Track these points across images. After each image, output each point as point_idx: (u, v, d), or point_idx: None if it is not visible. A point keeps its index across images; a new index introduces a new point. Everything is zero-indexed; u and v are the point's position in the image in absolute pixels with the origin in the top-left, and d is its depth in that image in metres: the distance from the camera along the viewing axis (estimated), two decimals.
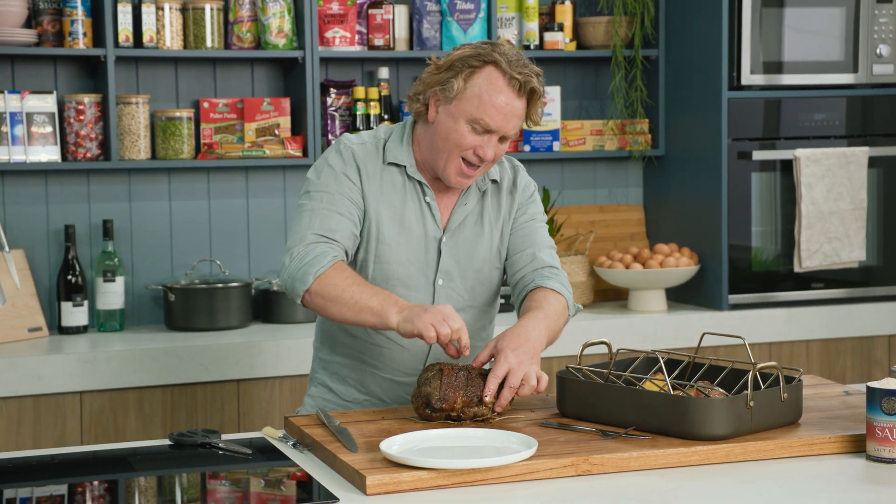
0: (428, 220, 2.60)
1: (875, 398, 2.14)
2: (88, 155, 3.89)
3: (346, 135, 2.63)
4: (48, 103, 3.87)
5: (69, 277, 3.88)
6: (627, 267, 4.22)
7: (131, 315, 4.05)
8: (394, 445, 2.16)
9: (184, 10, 3.99)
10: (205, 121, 4.06)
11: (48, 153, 3.86)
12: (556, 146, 4.31)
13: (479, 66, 2.50)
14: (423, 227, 2.59)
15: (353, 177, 2.56)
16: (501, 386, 2.37)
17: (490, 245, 2.65)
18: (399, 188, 2.59)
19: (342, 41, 4.07)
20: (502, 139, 2.53)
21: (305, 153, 4.04)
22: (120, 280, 3.93)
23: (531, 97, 2.53)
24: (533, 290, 2.61)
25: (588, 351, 2.64)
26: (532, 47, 4.28)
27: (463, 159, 2.53)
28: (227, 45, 4.05)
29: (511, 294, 2.72)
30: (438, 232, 2.60)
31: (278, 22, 4.00)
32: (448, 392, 2.36)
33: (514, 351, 2.38)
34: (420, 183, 2.60)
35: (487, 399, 2.35)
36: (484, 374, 2.39)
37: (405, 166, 2.59)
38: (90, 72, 4.00)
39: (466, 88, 2.49)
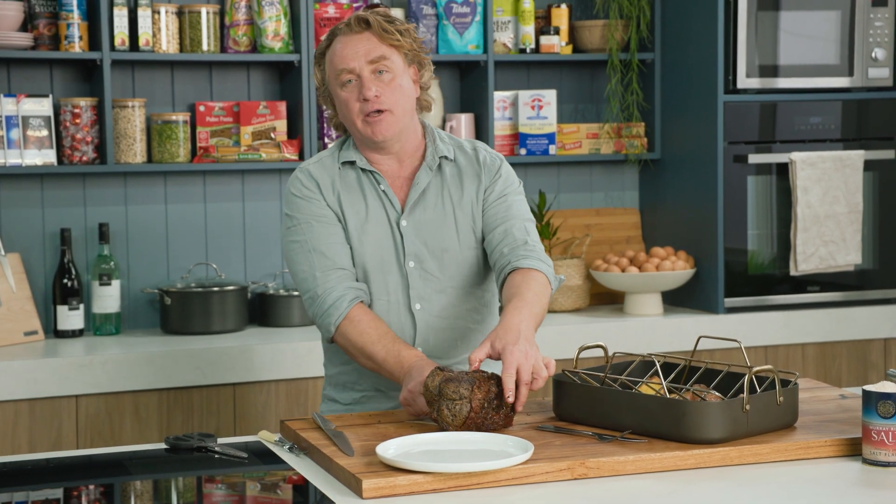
0: (387, 206, 2.65)
1: (871, 401, 2.14)
2: (84, 158, 3.89)
3: (302, 164, 2.74)
4: (44, 107, 3.87)
5: (65, 281, 3.88)
6: (623, 270, 4.22)
7: (127, 319, 4.04)
8: (390, 449, 2.16)
9: (180, 13, 3.99)
10: (201, 124, 4.06)
11: (44, 156, 3.86)
12: (552, 149, 4.31)
13: (326, 46, 2.67)
14: (384, 214, 2.65)
15: (315, 194, 2.66)
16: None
17: (456, 225, 2.66)
18: (355, 184, 2.67)
19: None
20: (377, 73, 2.59)
21: (302, 157, 4.04)
22: (116, 284, 3.92)
23: (368, 25, 2.60)
24: (510, 274, 2.59)
25: (584, 354, 2.63)
26: (528, 51, 4.28)
27: (362, 113, 2.61)
28: (224, 49, 4.05)
29: (494, 271, 2.68)
30: (397, 215, 2.65)
31: (274, 25, 4.00)
32: (467, 428, 2.31)
33: (515, 346, 2.35)
34: (372, 173, 2.66)
35: (510, 399, 2.31)
36: (503, 406, 2.34)
37: (355, 161, 2.67)
38: (86, 75, 4.00)
39: (326, 69, 2.66)
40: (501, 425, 2.35)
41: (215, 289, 3.93)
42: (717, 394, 2.32)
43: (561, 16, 4.34)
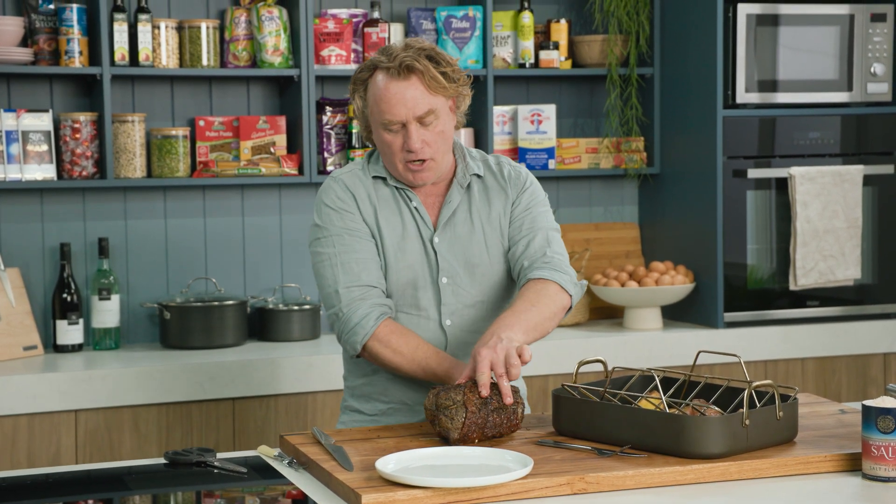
0: (420, 223, 2.66)
1: (871, 416, 2.14)
2: (84, 173, 3.89)
3: (335, 170, 2.72)
4: (44, 121, 3.87)
5: (64, 296, 3.88)
6: (623, 285, 4.22)
7: (127, 333, 4.04)
8: (389, 464, 2.16)
9: (180, 28, 4.00)
10: (200, 139, 4.07)
11: (44, 171, 3.86)
12: (552, 164, 4.31)
13: (367, 76, 2.60)
14: (417, 230, 2.65)
15: (349, 206, 2.63)
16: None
17: (485, 241, 2.68)
18: (390, 199, 2.66)
19: (338, 59, 4.08)
20: (422, 124, 2.57)
21: (301, 171, 4.04)
22: (115, 298, 3.92)
23: (415, 72, 2.55)
24: (524, 285, 2.62)
25: (584, 369, 2.64)
26: (528, 66, 4.29)
27: (404, 161, 2.59)
28: (223, 64, 4.06)
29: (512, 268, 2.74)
30: (430, 232, 2.66)
31: (274, 40, 4.01)
32: (469, 433, 2.33)
33: (484, 347, 2.39)
34: (404, 190, 2.66)
35: (485, 393, 2.33)
36: (502, 408, 2.36)
37: (385, 178, 2.66)
38: (86, 90, 4.01)
39: (367, 102, 2.61)
40: (508, 428, 2.37)
41: (215, 303, 3.93)
42: (716, 409, 2.32)
43: (560, 31, 4.35)
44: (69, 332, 3.88)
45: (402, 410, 2.68)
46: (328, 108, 4.11)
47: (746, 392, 2.23)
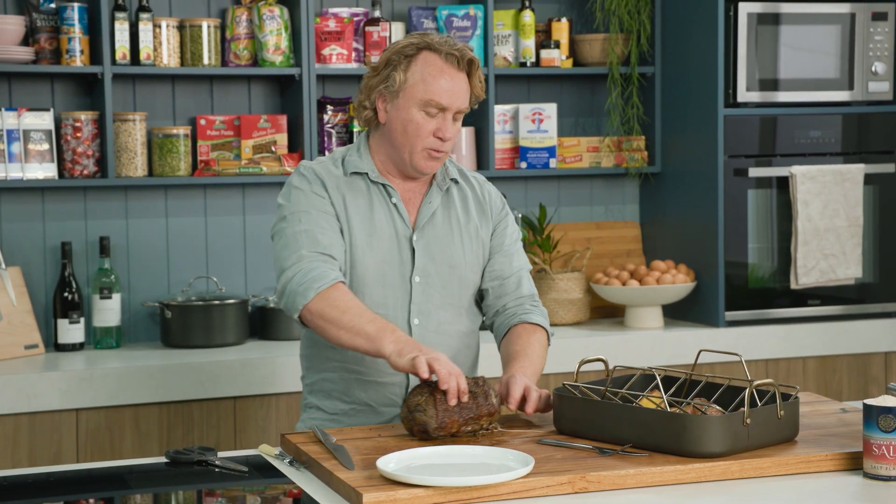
0: (397, 220, 2.66)
1: (872, 415, 2.14)
2: (85, 172, 3.89)
3: (304, 161, 2.73)
4: (45, 120, 3.87)
5: (65, 294, 3.88)
6: (624, 284, 4.22)
7: (128, 332, 4.04)
8: (390, 463, 2.16)
9: (181, 27, 4.00)
10: (202, 138, 4.07)
11: (45, 170, 3.86)
12: (553, 163, 4.31)
13: (415, 53, 2.59)
14: (393, 227, 2.65)
15: (319, 191, 2.62)
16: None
17: (462, 247, 2.70)
18: (365, 193, 2.66)
19: (339, 58, 4.08)
20: (454, 119, 2.60)
21: None
22: (116, 297, 3.92)
23: (470, 68, 2.61)
24: (517, 325, 2.71)
25: (585, 368, 2.64)
26: (528, 64, 4.28)
27: (429, 146, 2.60)
28: (224, 63, 4.06)
29: (488, 315, 2.78)
30: (408, 231, 2.66)
31: (275, 39, 4.01)
32: (445, 419, 2.35)
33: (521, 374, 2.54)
34: (384, 186, 2.66)
35: (513, 407, 2.46)
36: (472, 392, 2.39)
37: (367, 173, 2.65)
38: (87, 89, 4.01)
39: (408, 78, 2.58)
40: (486, 412, 2.40)
41: (216, 302, 3.93)
42: (717, 407, 2.32)
43: (561, 30, 4.35)
44: (70, 331, 3.88)
45: (366, 412, 2.68)
46: (329, 107, 4.11)
47: (747, 391, 2.23)
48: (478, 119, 4.28)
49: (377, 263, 2.63)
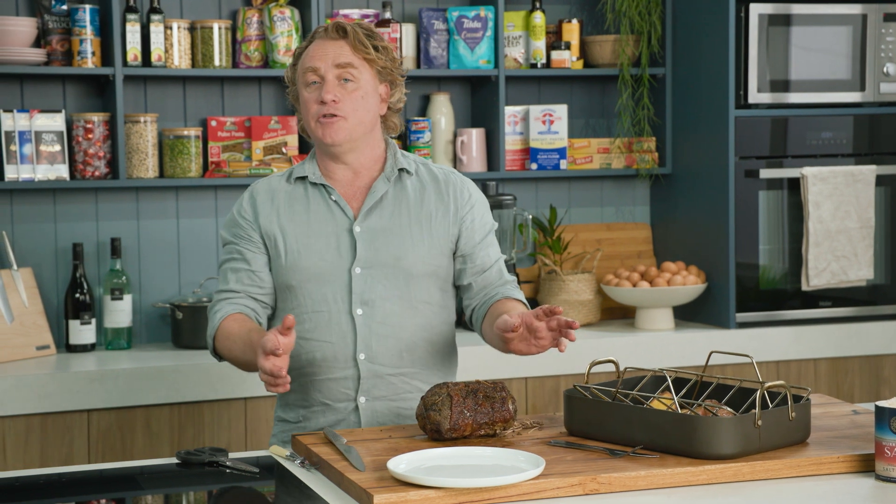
0: (337, 214, 2.68)
1: (884, 417, 2.14)
2: (97, 173, 3.90)
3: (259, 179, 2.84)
4: (57, 122, 3.88)
5: (77, 295, 3.89)
6: (635, 285, 4.22)
7: (139, 333, 4.05)
8: (401, 464, 2.16)
9: (192, 29, 4.01)
10: (212, 139, 4.07)
11: (56, 171, 3.87)
12: (563, 164, 4.31)
13: (304, 48, 2.70)
14: (333, 222, 2.67)
15: (246, 214, 2.73)
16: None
17: (412, 238, 2.68)
18: (302, 198, 2.70)
19: None
20: (342, 81, 2.63)
21: None
22: (127, 298, 3.93)
23: (344, 34, 2.64)
24: (500, 301, 2.68)
25: (595, 369, 2.64)
26: (539, 66, 4.28)
27: (317, 115, 2.65)
28: (235, 64, 4.07)
29: (470, 306, 2.75)
30: (348, 223, 2.67)
31: (286, 41, 4.01)
32: (459, 421, 2.35)
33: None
34: (323, 186, 2.70)
35: (563, 347, 2.42)
36: (489, 396, 2.39)
37: (307, 176, 2.70)
38: (99, 90, 4.02)
39: (297, 70, 2.70)
40: (501, 418, 2.39)
41: None
42: (728, 409, 2.31)
43: (572, 31, 4.35)
44: (81, 332, 3.89)
45: (323, 411, 2.68)
46: None
47: (759, 392, 2.23)
48: (488, 120, 4.28)
49: (314, 262, 2.66)
